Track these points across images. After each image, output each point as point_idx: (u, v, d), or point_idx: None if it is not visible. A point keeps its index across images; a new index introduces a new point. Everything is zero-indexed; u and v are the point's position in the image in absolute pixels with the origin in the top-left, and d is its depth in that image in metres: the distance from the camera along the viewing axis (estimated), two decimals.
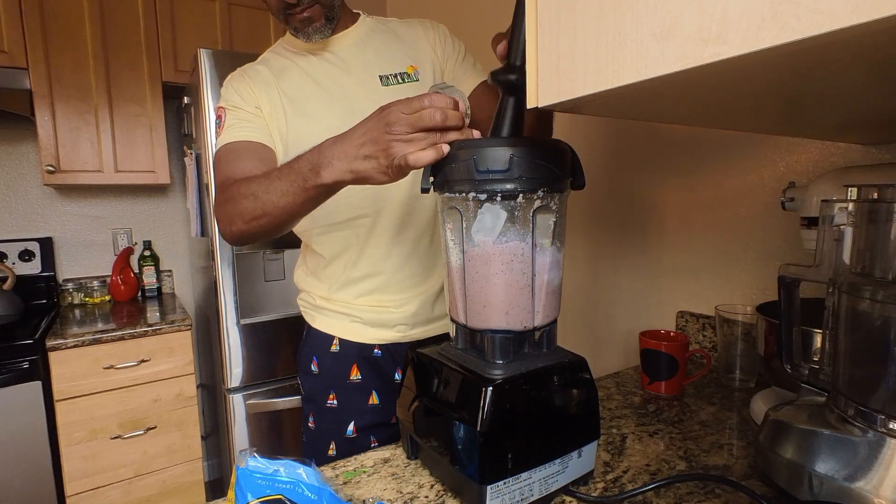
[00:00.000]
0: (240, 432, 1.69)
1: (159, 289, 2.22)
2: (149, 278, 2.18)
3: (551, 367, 0.58)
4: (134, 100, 1.89)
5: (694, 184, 1.12)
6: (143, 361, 1.70)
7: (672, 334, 0.99)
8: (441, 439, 0.60)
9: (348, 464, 0.69)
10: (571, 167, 0.58)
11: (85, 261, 2.14)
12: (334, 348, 0.92)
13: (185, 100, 1.86)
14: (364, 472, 0.67)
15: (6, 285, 1.86)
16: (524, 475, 0.55)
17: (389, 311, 0.91)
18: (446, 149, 0.55)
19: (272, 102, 0.85)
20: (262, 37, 2.06)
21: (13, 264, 1.95)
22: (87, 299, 2.09)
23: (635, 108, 0.52)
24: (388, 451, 0.72)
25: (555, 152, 0.55)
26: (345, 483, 0.64)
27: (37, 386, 1.53)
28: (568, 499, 0.60)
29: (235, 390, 1.68)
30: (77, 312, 1.94)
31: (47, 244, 2.02)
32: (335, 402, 0.92)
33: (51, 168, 1.76)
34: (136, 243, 2.21)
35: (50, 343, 1.56)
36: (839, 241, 0.50)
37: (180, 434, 1.80)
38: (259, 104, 0.85)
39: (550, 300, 0.59)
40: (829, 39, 0.24)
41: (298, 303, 1.01)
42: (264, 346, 1.71)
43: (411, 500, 0.60)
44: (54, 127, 1.77)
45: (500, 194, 0.54)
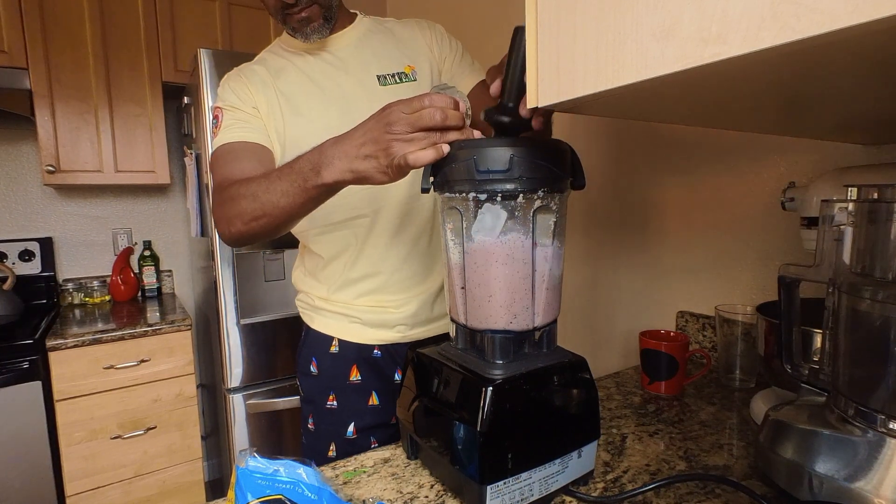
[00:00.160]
0: (240, 432, 1.69)
1: (159, 289, 2.22)
2: (149, 278, 2.18)
3: (551, 367, 0.58)
4: (134, 100, 1.89)
5: (694, 184, 1.12)
6: (143, 361, 1.70)
7: (672, 334, 0.99)
8: (441, 439, 0.60)
9: (348, 464, 0.69)
10: (571, 167, 0.58)
11: (85, 261, 2.14)
12: (334, 349, 0.92)
13: (185, 100, 1.86)
14: (364, 472, 0.67)
15: (6, 285, 1.86)
16: (524, 475, 0.55)
17: (389, 312, 0.91)
18: (446, 149, 0.55)
19: (269, 102, 0.85)
20: (262, 37, 2.05)
21: (13, 264, 1.95)
22: (87, 299, 2.09)
23: (635, 108, 0.52)
24: (388, 451, 0.72)
25: (555, 152, 0.55)
26: (345, 483, 0.64)
27: (37, 386, 1.53)
28: (568, 499, 0.60)
29: (235, 390, 1.68)
30: (77, 312, 1.94)
31: (47, 244, 2.02)
32: (335, 404, 0.92)
33: (51, 168, 1.76)
34: (136, 243, 2.21)
35: (50, 343, 1.56)
36: (839, 241, 0.50)
37: (180, 434, 1.80)
38: (256, 104, 0.85)
39: (550, 300, 0.59)
40: (829, 39, 0.24)
41: (297, 304, 1.01)
42: (264, 346, 1.71)
43: (411, 500, 0.60)
44: (54, 127, 1.77)
45: (500, 194, 0.54)
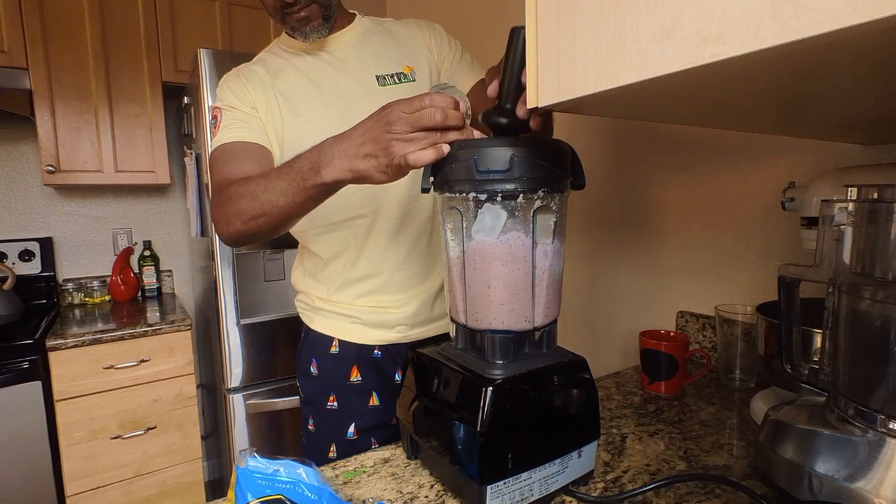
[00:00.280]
0: (240, 432, 1.69)
1: (159, 289, 2.22)
2: (149, 278, 2.18)
3: (551, 367, 0.58)
4: (134, 100, 1.89)
5: (694, 183, 1.12)
6: (143, 361, 1.70)
7: (672, 334, 0.99)
8: (441, 439, 0.60)
9: (348, 464, 0.69)
10: (572, 167, 0.58)
11: (85, 261, 2.14)
12: (334, 350, 0.92)
13: (185, 100, 1.86)
14: (364, 472, 0.67)
15: (6, 285, 1.86)
16: (524, 475, 0.55)
17: (389, 312, 0.91)
18: (446, 149, 0.55)
19: (268, 103, 0.85)
20: (262, 37, 2.05)
21: (13, 264, 1.95)
22: (87, 299, 2.09)
23: (635, 108, 0.52)
24: (388, 451, 0.72)
25: (555, 152, 0.55)
26: (345, 483, 0.64)
27: (37, 386, 1.53)
28: (568, 499, 0.60)
29: (235, 390, 1.68)
30: (77, 312, 1.94)
31: (47, 244, 2.02)
32: (335, 404, 0.92)
33: (51, 168, 1.76)
34: (136, 243, 2.21)
35: (50, 343, 1.56)
36: (839, 241, 0.50)
37: (180, 434, 1.80)
38: (255, 104, 0.85)
39: (550, 300, 0.59)
40: (829, 39, 0.24)
41: (296, 304, 1.00)
42: (264, 346, 1.71)
43: (411, 500, 0.60)
44: (54, 127, 1.77)
45: (500, 194, 0.53)
